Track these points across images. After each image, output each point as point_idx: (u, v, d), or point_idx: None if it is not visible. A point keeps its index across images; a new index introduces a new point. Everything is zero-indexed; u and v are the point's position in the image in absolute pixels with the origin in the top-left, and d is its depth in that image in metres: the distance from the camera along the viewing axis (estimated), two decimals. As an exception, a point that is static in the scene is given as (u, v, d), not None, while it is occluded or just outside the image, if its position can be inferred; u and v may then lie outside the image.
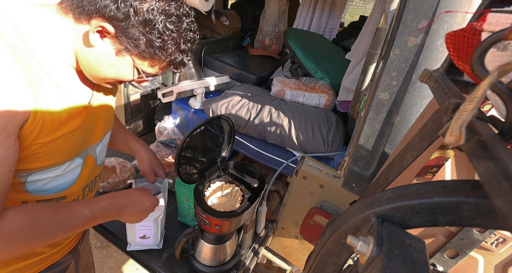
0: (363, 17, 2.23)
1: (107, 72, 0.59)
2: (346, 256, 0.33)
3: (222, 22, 1.89)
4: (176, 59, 0.61)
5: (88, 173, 0.69)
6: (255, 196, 0.95)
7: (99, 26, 0.53)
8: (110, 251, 1.83)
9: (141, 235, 0.99)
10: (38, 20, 0.52)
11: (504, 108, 0.28)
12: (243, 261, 1.07)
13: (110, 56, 0.57)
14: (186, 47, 0.60)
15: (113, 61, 0.58)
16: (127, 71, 0.60)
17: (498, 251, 0.48)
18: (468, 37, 0.33)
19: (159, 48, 0.57)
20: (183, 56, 0.61)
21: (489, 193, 0.20)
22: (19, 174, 0.53)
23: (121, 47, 0.56)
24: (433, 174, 0.45)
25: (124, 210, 0.68)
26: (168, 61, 0.60)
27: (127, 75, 0.61)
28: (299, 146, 1.17)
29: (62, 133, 0.55)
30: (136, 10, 0.52)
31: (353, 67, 1.18)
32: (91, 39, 0.54)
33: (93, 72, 0.59)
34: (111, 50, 0.56)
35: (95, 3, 0.52)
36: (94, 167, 0.70)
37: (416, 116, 0.74)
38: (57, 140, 0.54)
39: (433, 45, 0.66)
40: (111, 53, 0.57)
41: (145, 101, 1.68)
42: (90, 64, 0.58)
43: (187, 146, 0.83)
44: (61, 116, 0.55)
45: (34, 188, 0.57)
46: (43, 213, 0.52)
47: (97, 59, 0.57)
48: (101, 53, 0.56)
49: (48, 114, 0.51)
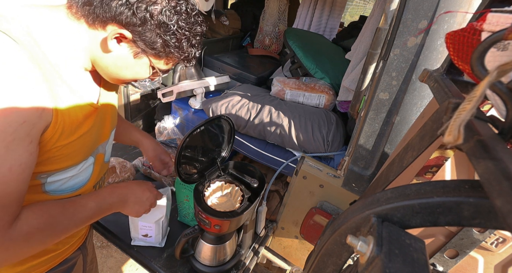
0: (363, 17, 2.23)
1: (125, 74, 0.61)
2: (346, 256, 0.33)
3: (222, 22, 1.89)
4: (190, 55, 0.63)
5: (99, 171, 0.71)
6: (255, 196, 0.95)
7: (117, 33, 0.54)
8: (110, 251, 1.83)
9: (144, 233, 1.01)
10: (49, 22, 0.52)
11: (504, 108, 0.28)
12: (243, 261, 1.07)
13: (128, 59, 0.58)
14: (196, 41, 0.62)
15: (131, 63, 0.59)
16: (144, 71, 0.62)
17: (498, 251, 0.48)
18: (468, 37, 0.33)
19: (174, 47, 0.58)
20: (195, 50, 0.64)
21: (489, 193, 0.20)
22: (39, 176, 0.54)
23: (138, 49, 0.57)
24: (433, 174, 0.45)
25: (126, 199, 0.70)
26: (183, 58, 0.63)
27: (144, 74, 0.63)
28: (299, 146, 1.17)
29: (79, 134, 0.57)
30: (152, 14, 0.53)
31: (353, 67, 1.18)
32: (109, 45, 0.55)
33: (112, 75, 0.61)
34: (128, 54, 0.58)
35: (109, 11, 0.52)
36: (103, 164, 0.73)
37: (416, 116, 0.74)
38: (75, 142, 0.56)
39: (433, 45, 0.66)
40: (129, 56, 0.58)
41: (145, 101, 1.68)
42: (108, 67, 0.59)
43: (187, 146, 0.83)
44: (78, 118, 0.56)
45: (52, 188, 0.59)
46: (55, 210, 0.54)
47: (115, 63, 0.58)
48: (119, 57, 0.58)
49: (67, 117, 0.52)
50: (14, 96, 0.43)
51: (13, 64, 0.43)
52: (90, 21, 0.54)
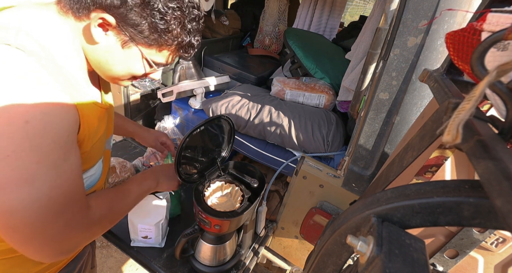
0: (363, 17, 2.23)
1: (118, 69, 0.58)
2: (346, 256, 0.33)
3: (222, 22, 1.89)
4: (184, 41, 0.58)
5: (107, 166, 0.74)
6: (255, 196, 0.95)
7: (99, 19, 0.51)
8: (110, 251, 1.83)
9: (143, 235, 1.01)
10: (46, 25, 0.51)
11: (504, 108, 0.28)
12: (243, 261, 1.07)
13: (117, 51, 0.55)
14: (192, 27, 0.57)
15: (121, 55, 0.56)
16: (137, 64, 0.58)
17: (498, 251, 0.48)
18: (468, 37, 0.33)
19: (163, 31, 0.54)
20: (191, 37, 0.58)
21: (489, 193, 0.20)
22: None
23: (125, 38, 0.54)
24: (432, 174, 0.45)
25: (158, 178, 0.78)
26: (176, 45, 0.58)
27: (139, 69, 0.59)
28: (299, 146, 1.17)
29: (97, 137, 0.58)
30: None
31: (353, 67, 1.18)
32: (94, 34, 0.52)
33: (106, 72, 0.59)
34: (116, 44, 0.54)
35: None
36: (108, 159, 0.76)
37: (416, 116, 0.74)
38: (95, 145, 0.58)
39: (433, 45, 0.66)
40: (117, 46, 0.55)
41: (145, 101, 1.68)
42: (100, 62, 0.57)
43: (187, 146, 0.83)
44: (94, 121, 0.55)
45: None
46: (111, 197, 0.62)
47: (105, 56, 0.56)
48: (107, 49, 0.55)
49: (88, 121, 0.53)
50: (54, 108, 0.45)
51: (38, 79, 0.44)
52: (76, 12, 0.52)
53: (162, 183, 0.79)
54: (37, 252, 0.47)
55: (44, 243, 0.47)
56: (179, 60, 1.58)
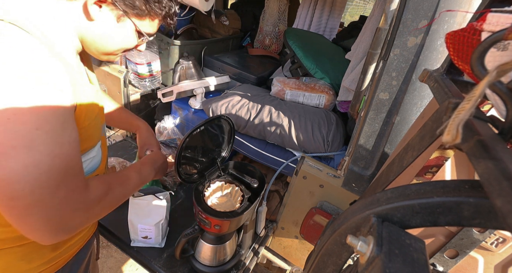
0: (363, 17, 2.23)
1: (113, 43, 0.61)
2: (346, 256, 0.33)
3: (222, 22, 1.89)
4: (171, 10, 0.63)
5: (106, 150, 0.75)
6: (255, 196, 0.95)
7: None
8: (110, 251, 1.83)
9: (143, 235, 1.01)
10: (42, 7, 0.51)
11: (504, 108, 0.28)
12: (243, 261, 1.07)
13: (112, 26, 0.59)
14: None
15: (116, 29, 0.59)
16: (130, 36, 0.63)
17: (498, 251, 0.48)
18: (468, 37, 0.33)
19: (154, 1, 0.59)
20: (174, 5, 0.64)
21: (489, 193, 0.20)
22: None
23: (119, 12, 0.57)
24: (432, 174, 0.45)
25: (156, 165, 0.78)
26: (164, 14, 0.63)
27: (132, 41, 0.64)
28: (299, 146, 1.17)
29: (94, 115, 0.60)
30: None
31: (353, 67, 1.18)
32: (90, 11, 0.54)
33: (100, 48, 0.61)
34: (111, 19, 0.58)
35: None
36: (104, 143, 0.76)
37: (416, 116, 0.74)
38: (92, 123, 0.59)
39: (433, 45, 0.66)
40: (113, 21, 0.58)
41: (145, 101, 1.68)
42: (95, 40, 0.59)
43: (187, 146, 0.83)
44: (89, 99, 0.57)
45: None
46: (111, 180, 0.60)
47: (100, 33, 0.58)
48: (103, 25, 0.58)
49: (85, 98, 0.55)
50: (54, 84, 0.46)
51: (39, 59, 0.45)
52: None
53: (158, 173, 0.80)
54: (35, 228, 0.46)
55: (42, 218, 0.45)
56: (179, 60, 1.58)
